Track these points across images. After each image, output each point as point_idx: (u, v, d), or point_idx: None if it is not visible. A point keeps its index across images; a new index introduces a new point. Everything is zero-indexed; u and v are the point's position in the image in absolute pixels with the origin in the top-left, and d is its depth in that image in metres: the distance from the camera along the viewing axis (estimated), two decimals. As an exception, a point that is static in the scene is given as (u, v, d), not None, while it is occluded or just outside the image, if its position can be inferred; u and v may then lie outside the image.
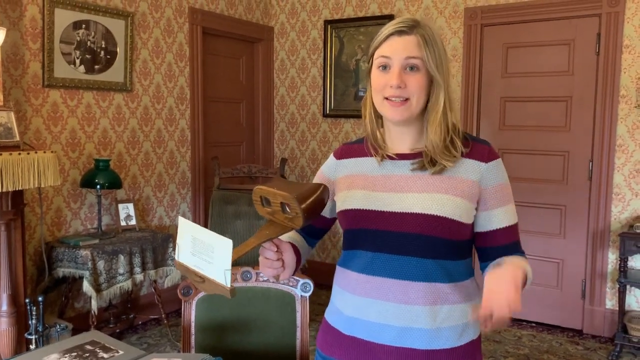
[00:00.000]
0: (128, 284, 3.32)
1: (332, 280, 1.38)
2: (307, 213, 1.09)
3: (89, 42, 3.60)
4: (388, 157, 1.28)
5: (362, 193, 1.27)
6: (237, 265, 1.08)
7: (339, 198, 1.32)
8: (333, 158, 1.41)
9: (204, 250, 1.08)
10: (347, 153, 1.38)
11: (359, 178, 1.30)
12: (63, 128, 3.50)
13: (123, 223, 3.68)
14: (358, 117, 4.53)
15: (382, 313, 1.22)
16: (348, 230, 1.30)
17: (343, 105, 4.83)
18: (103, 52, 3.69)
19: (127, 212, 3.73)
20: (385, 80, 1.21)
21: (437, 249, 1.20)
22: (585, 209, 3.87)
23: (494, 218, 1.25)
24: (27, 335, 2.63)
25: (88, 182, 3.45)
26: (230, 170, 4.17)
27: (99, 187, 3.41)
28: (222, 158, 4.43)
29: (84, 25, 3.55)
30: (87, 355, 1.59)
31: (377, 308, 1.22)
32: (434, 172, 1.22)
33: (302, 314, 1.93)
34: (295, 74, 5.08)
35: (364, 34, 4.67)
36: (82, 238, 3.34)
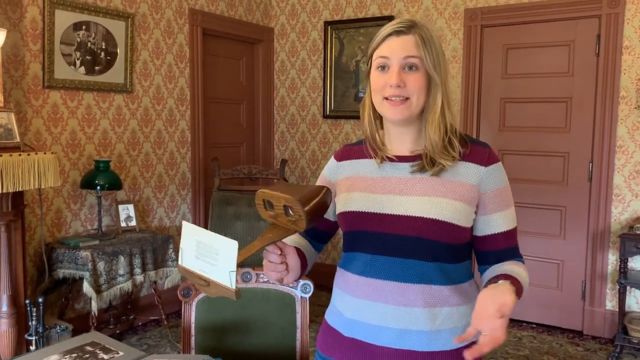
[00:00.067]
0: (128, 285, 3.32)
1: (332, 282, 1.38)
2: (310, 215, 1.09)
3: (89, 43, 3.60)
4: (388, 159, 1.28)
5: (361, 195, 1.27)
6: (237, 267, 1.08)
7: (339, 200, 1.32)
8: (334, 160, 1.41)
9: (209, 253, 1.08)
10: (347, 155, 1.38)
11: (359, 180, 1.30)
12: (63, 129, 3.50)
13: (123, 224, 3.69)
14: (358, 118, 4.51)
15: (381, 315, 1.22)
16: (347, 232, 1.30)
17: (343, 106, 4.83)
18: (103, 53, 3.69)
19: (127, 213, 3.73)
20: (385, 80, 1.21)
21: (435, 252, 1.20)
22: (585, 210, 3.87)
23: (493, 222, 1.25)
24: (27, 336, 2.63)
25: (88, 183, 3.45)
26: (231, 171, 4.17)
27: (99, 188, 3.42)
28: (222, 159, 4.43)
29: (84, 27, 3.56)
30: (87, 357, 1.59)
31: (376, 310, 1.22)
32: (434, 173, 1.22)
33: (302, 315, 1.93)
34: (296, 75, 5.08)
35: (364, 35, 4.67)
36: (82, 239, 3.34)
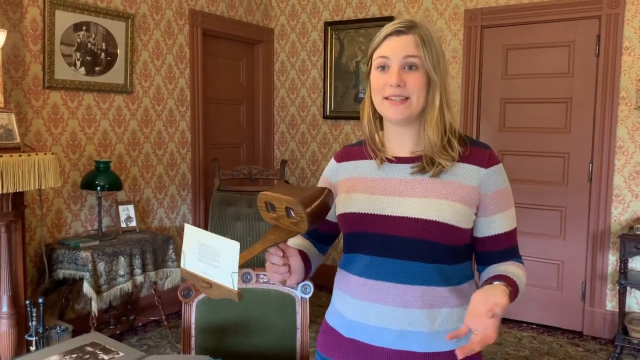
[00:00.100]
0: (128, 286, 3.32)
1: (332, 282, 1.38)
2: (311, 217, 1.09)
3: (90, 43, 3.60)
4: (387, 160, 1.28)
5: (361, 196, 1.27)
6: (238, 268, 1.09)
7: (339, 201, 1.32)
8: (334, 161, 1.41)
9: (211, 255, 1.08)
10: (347, 156, 1.38)
11: (359, 181, 1.30)
12: (63, 130, 3.50)
13: (123, 225, 3.69)
14: (358, 118, 4.52)
15: (380, 316, 1.22)
16: (348, 234, 1.30)
17: (343, 107, 4.83)
18: (103, 53, 3.69)
19: (127, 213, 3.73)
20: (385, 80, 1.22)
21: (435, 254, 1.20)
22: (586, 211, 3.87)
23: (494, 224, 1.25)
24: (27, 337, 2.64)
25: (88, 183, 3.45)
26: (231, 172, 4.17)
27: (100, 188, 3.42)
28: (222, 160, 4.43)
29: (85, 27, 3.56)
30: (87, 357, 1.59)
31: (375, 311, 1.22)
32: (434, 174, 1.22)
33: (302, 316, 1.93)
34: (296, 76, 5.08)
35: (364, 36, 4.67)
36: (82, 240, 3.34)
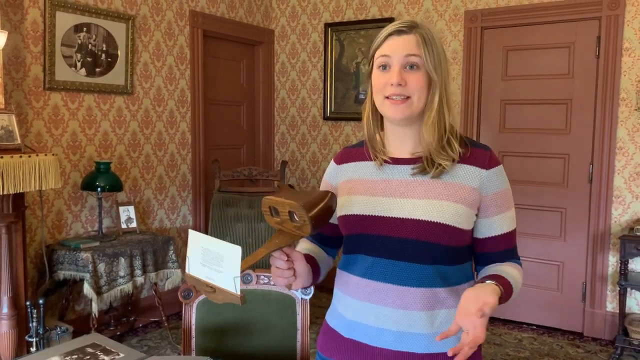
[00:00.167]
0: (129, 287, 3.32)
1: (332, 283, 1.38)
2: (314, 220, 1.09)
3: (90, 45, 3.61)
4: (388, 161, 1.28)
5: (362, 198, 1.27)
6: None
7: (340, 203, 1.31)
8: (334, 164, 1.41)
9: (214, 260, 1.09)
10: (347, 157, 1.38)
11: (359, 183, 1.30)
12: (64, 131, 3.51)
13: (124, 226, 3.69)
14: (358, 119, 4.53)
15: (380, 317, 1.22)
16: (348, 235, 1.30)
17: (343, 108, 4.83)
18: (104, 55, 3.70)
19: (127, 214, 3.73)
20: (386, 79, 1.21)
21: (436, 255, 1.20)
22: (586, 212, 3.87)
23: (494, 225, 1.25)
24: (27, 338, 2.64)
25: (89, 184, 3.45)
26: (231, 173, 4.17)
27: (100, 189, 3.42)
28: (222, 161, 4.43)
29: (85, 29, 3.56)
30: (87, 358, 1.59)
31: (375, 312, 1.22)
32: (434, 175, 1.22)
33: (302, 317, 1.93)
34: (296, 77, 5.09)
35: (364, 37, 4.68)
36: (82, 241, 3.34)
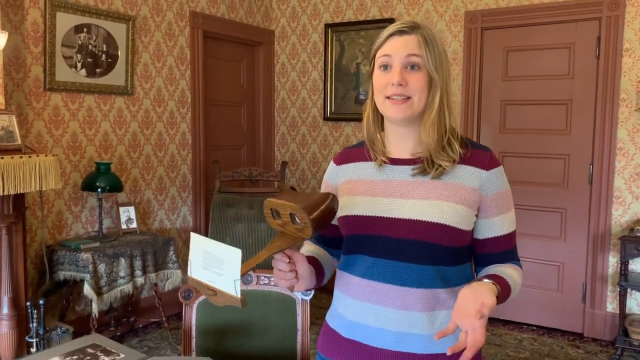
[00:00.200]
0: (129, 287, 3.32)
1: (332, 284, 1.38)
2: (315, 223, 1.10)
3: (91, 45, 3.61)
4: (388, 161, 1.28)
5: (362, 199, 1.27)
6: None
7: (340, 204, 1.31)
8: (333, 164, 1.41)
9: (215, 263, 1.09)
10: (347, 158, 1.38)
11: (359, 183, 1.30)
12: (64, 131, 3.51)
13: (124, 226, 3.69)
14: (359, 120, 4.54)
15: (380, 318, 1.22)
16: (348, 236, 1.30)
17: (344, 109, 4.84)
18: (104, 55, 3.70)
19: (128, 215, 3.73)
20: (387, 79, 1.22)
21: (436, 256, 1.20)
22: (586, 213, 3.87)
23: (494, 226, 1.25)
24: (28, 339, 2.64)
25: (89, 185, 3.46)
26: (231, 174, 4.17)
27: (100, 190, 3.42)
28: (222, 161, 4.43)
29: (86, 29, 3.56)
30: (88, 359, 1.59)
31: (375, 313, 1.22)
32: (434, 176, 1.22)
33: (302, 317, 1.93)
34: (296, 78, 5.09)
35: (365, 38, 4.68)
36: (83, 241, 3.34)
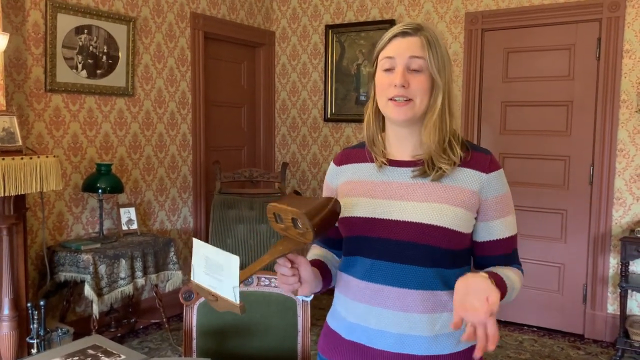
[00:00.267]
0: (129, 288, 3.32)
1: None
2: (317, 228, 1.10)
3: (91, 47, 3.61)
4: (388, 163, 1.28)
5: (362, 200, 1.27)
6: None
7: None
8: (333, 165, 1.41)
9: (215, 269, 1.11)
10: (347, 159, 1.38)
11: (359, 184, 1.30)
12: (65, 132, 3.51)
13: (124, 227, 3.69)
14: (359, 121, 4.54)
15: (380, 320, 1.22)
16: (348, 237, 1.30)
17: (344, 110, 4.84)
18: (105, 56, 3.70)
19: (128, 216, 3.73)
20: (389, 81, 1.22)
21: (436, 258, 1.20)
22: (586, 214, 3.87)
23: (493, 229, 1.25)
24: (28, 340, 2.64)
25: (90, 186, 3.46)
26: (232, 175, 4.17)
27: (101, 191, 3.42)
28: (223, 162, 4.43)
29: (86, 30, 3.57)
30: (88, 360, 1.59)
31: (376, 314, 1.22)
32: (434, 178, 1.22)
33: (303, 319, 1.93)
34: (297, 79, 5.09)
35: (365, 39, 4.68)
36: (83, 242, 3.35)
